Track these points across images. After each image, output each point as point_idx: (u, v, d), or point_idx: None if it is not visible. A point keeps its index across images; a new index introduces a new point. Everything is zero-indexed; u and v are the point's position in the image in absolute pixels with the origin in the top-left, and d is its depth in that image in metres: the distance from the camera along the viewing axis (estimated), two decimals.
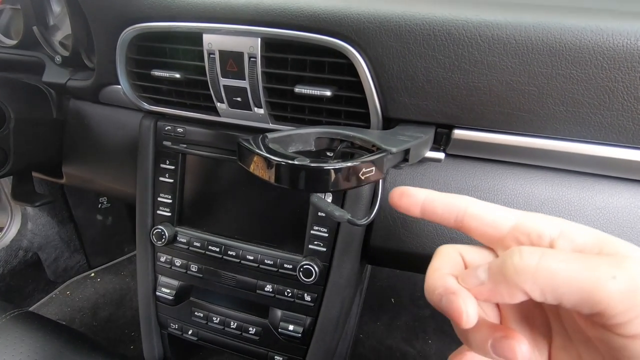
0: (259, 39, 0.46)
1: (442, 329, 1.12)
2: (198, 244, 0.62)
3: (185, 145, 0.60)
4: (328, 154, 0.51)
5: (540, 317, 0.26)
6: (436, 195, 0.28)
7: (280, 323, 0.61)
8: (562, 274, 0.19)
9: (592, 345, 0.22)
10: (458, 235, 0.50)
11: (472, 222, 0.26)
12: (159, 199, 0.63)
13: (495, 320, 0.27)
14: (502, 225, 0.25)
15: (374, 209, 0.33)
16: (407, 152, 0.38)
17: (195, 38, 0.49)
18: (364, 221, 0.34)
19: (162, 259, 0.65)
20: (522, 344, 0.22)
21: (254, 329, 0.63)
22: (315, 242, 0.56)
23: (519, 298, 0.20)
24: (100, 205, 1.23)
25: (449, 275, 0.23)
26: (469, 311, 0.21)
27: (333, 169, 0.30)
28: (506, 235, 0.24)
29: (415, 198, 0.29)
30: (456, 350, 0.26)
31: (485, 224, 0.25)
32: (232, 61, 0.48)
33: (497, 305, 0.27)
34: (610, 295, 0.18)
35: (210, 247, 0.61)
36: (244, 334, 0.64)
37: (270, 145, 0.34)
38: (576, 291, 0.19)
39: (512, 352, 0.22)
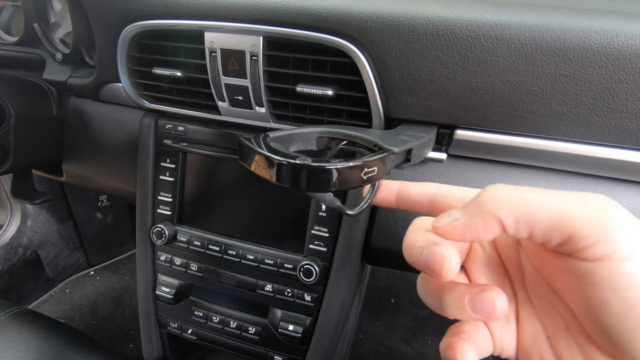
0: (261, 38, 0.46)
1: (442, 330, 1.11)
2: (198, 243, 0.62)
3: (185, 144, 0.60)
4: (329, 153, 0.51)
5: (509, 291, 0.26)
6: (409, 183, 0.29)
7: (280, 323, 0.60)
8: (536, 201, 0.20)
9: (553, 310, 0.23)
10: None
11: (444, 200, 0.27)
12: (159, 197, 0.63)
13: None
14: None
15: (365, 202, 0.33)
16: (409, 152, 0.38)
17: (197, 36, 0.48)
18: (352, 212, 0.34)
19: (162, 258, 0.65)
20: (501, 296, 0.22)
21: (254, 329, 0.63)
22: (316, 242, 0.56)
23: (494, 229, 0.20)
24: (100, 203, 1.23)
25: (430, 232, 0.23)
26: (451, 258, 0.21)
27: (335, 168, 0.30)
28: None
29: (389, 188, 0.30)
30: (445, 338, 0.25)
31: (455, 200, 0.26)
32: (233, 60, 0.48)
33: (468, 277, 0.27)
34: (580, 218, 0.19)
35: (210, 246, 0.61)
36: (243, 333, 0.64)
37: (272, 145, 0.34)
38: (548, 216, 0.19)
39: (491, 304, 0.22)
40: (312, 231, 0.56)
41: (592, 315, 0.20)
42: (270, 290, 0.59)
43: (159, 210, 0.64)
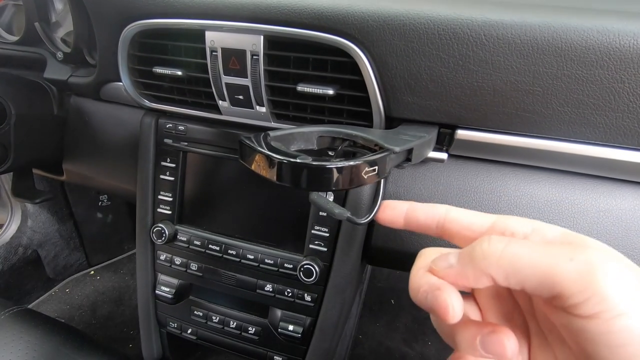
0: (262, 37, 0.45)
1: None
2: (198, 243, 0.62)
3: (186, 143, 0.59)
4: (330, 153, 0.50)
5: (519, 319, 0.26)
6: (418, 204, 0.30)
7: (280, 323, 0.60)
8: (524, 259, 0.20)
9: (565, 344, 0.23)
10: None
11: (452, 225, 0.27)
12: (160, 197, 0.63)
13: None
14: (479, 227, 0.26)
15: (374, 208, 0.33)
16: (410, 151, 0.37)
17: (198, 35, 0.48)
18: (363, 220, 0.34)
19: (162, 258, 0.65)
20: (511, 338, 0.22)
21: (254, 329, 0.63)
22: (316, 242, 0.56)
23: (484, 282, 0.21)
24: (100, 202, 1.23)
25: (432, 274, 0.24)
26: (454, 304, 0.22)
27: (335, 167, 0.30)
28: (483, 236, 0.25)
29: (398, 209, 0.30)
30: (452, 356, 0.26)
31: (463, 227, 0.27)
32: (234, 59, 0.48)
33: (479, 309, 0.28)
34: (567, 276, 0.19)
35: (210, 246, 0.61)
36: (243, 333, 0.63)
37: (272, 144, 0.34)
38: (536, 274, 0.20)
39: (501, 346, 0.22)
40: (313, 231, 0.56)
41: None
42: (270, 290, 0.59)
43: (159, 210, 0.63)
